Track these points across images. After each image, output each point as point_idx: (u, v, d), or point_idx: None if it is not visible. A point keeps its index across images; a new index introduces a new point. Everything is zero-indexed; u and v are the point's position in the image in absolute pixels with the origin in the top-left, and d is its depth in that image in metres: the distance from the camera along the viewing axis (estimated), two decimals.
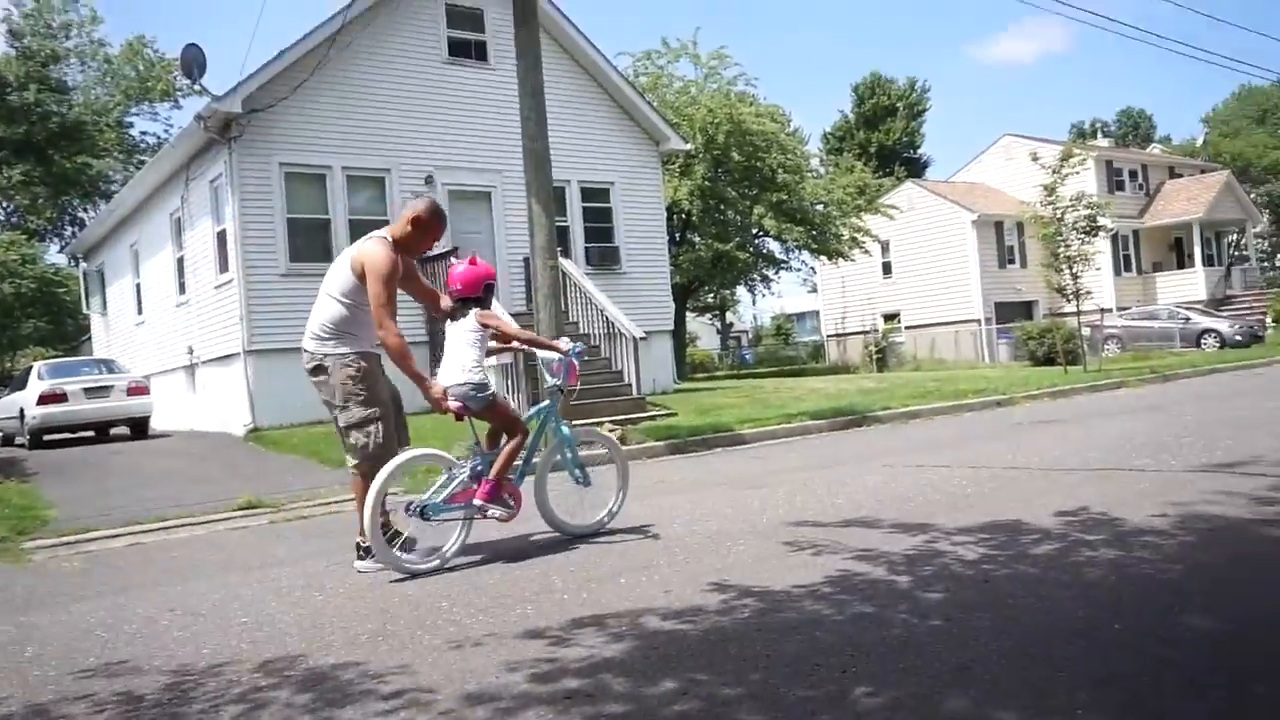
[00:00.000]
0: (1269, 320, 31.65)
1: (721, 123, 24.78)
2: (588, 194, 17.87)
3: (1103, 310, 25.75)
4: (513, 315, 13.49)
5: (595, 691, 2.80)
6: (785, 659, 2.99)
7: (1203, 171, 40.91)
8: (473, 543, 5.19)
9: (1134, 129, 74.25)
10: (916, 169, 51.91)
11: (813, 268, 36.81)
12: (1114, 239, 32.87)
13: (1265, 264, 42.34)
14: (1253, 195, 40.77)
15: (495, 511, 5.09)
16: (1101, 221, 18.80)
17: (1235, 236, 40.99)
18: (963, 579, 3.80)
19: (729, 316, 51.00)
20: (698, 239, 28.91)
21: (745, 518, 5.63)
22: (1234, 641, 2.87)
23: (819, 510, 5.67)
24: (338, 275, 5.10)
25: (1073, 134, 67.73)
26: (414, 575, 4.68)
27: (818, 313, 41.62)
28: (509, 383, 12.76)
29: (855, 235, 28.73)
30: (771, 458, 8.91)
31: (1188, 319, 28.81)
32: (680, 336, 26.47)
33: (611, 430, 10.26)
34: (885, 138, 52.96)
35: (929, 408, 12.35)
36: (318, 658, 3.39)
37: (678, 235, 28.89)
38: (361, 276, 4.97)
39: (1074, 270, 18.40)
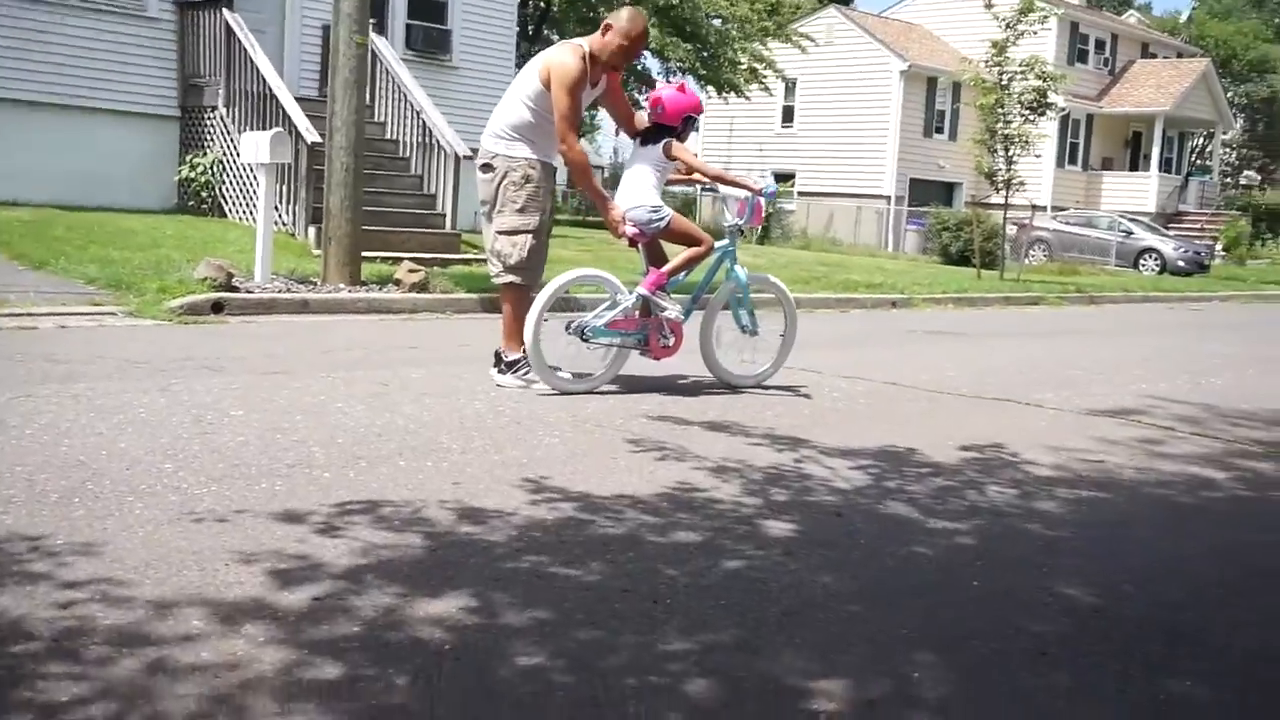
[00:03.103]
0: (1219, 247, 33.93)
1: None
2: None
3: (1035, 208, 26.99)
4: (298, 100, 13.03)
5: (343, 604, 2.88)
6: (588, 582, 3.15)
7: (1179, 55, 42.82)
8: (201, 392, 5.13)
9: None
10: None
11: None
12: (1063, 122, 34.25)
13: (1227, 180, 45.09)
14: (1230, 95, 43.06)
15: (669, 309, 6.13)
16: (1053, 98, 19.52)
17: (1201, 141, 43.40)
18: (819, 510, 4.06)
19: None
20: (556, 37, 28.30)
21: (568, 401, 5.77)
22: (1096, 614, 3.20)
23: (658, 404, 5.86)
24: (526, 80, 6.02)
25: None
26: (564, 393, 5.90)
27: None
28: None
29: (755, 66, 28.81)
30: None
31: (1129, 233, 30.59)
32: None
33: (412, 272, 10.19)
34: None
35: (810, 297, 12.79)
36: None
37: (530, 29, 28.23)
38: (547, 84, 5.88)
39: (1010, 154, 19.13)
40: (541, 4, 27.16)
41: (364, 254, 10.48)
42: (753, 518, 3.89)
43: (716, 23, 27.53)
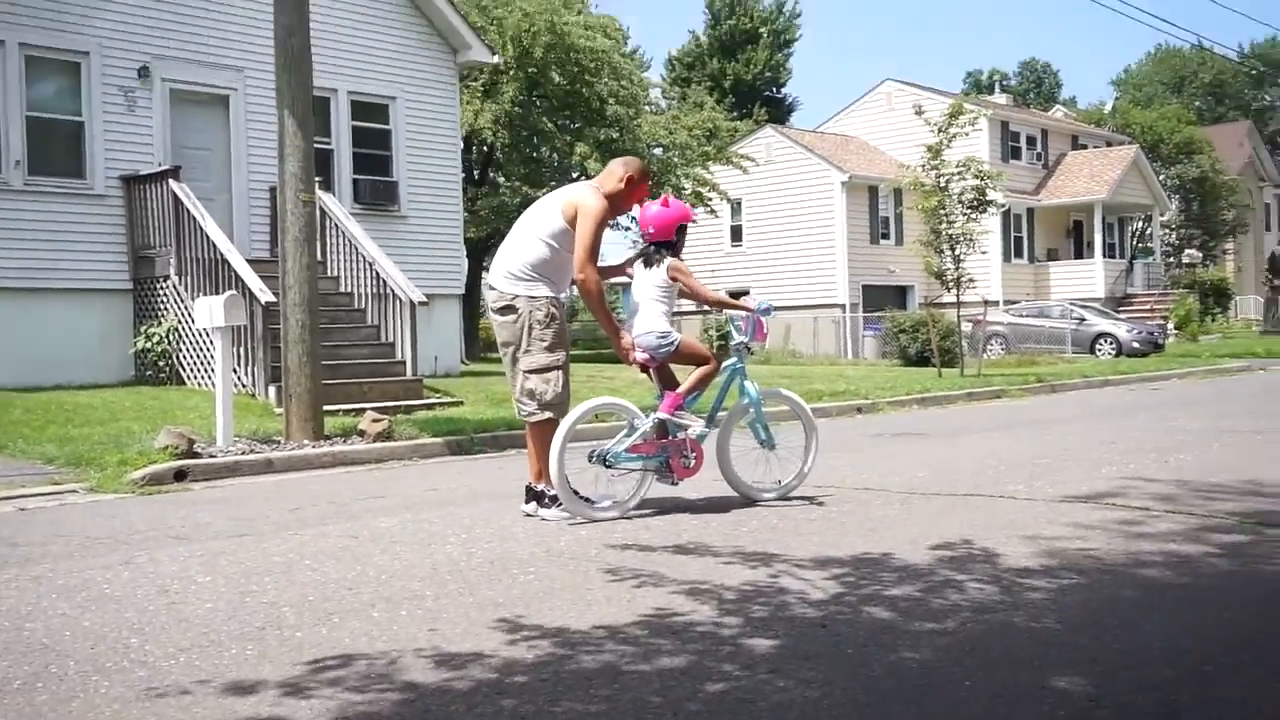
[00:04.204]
0: (1170, 326, 34.45)
1: (540, 32, 24.73)
2: (360, 110, 17.54)
3: (987, 303, 27.42)
4: (250, 263, 13.12)
5: None
6: (573, 718, 3.07)
7: (1109, 144, 44.03)
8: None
9: (1037, 85, 79.19)
10: (780, 113, 53.55)
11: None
12: (1005, 217, 34.96)
13: (1170, 259, 46.04)
14: (1161, 177, 44.23)
15: (691, 426, 6.37)
16: (992, 195, 19.98)
17: (1140, 224, 44.39)
18: (801, 623, 4.00)
19: None
20: (502, 180, 28.82)
21: (540, 538, 5.71)
22: (1092, 704, 3.14)
23: (635, 533, 5.81)
24: (546, 218, 6.32)
25: (968, 85, 71.54)
26: (593, 521, 6.06)
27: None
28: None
29: (700, 190, 29.34)
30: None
31: (1083, 319, 31.05)
32: (474, 304, 26.35)
33: (375, 421, 10.15)
34: (744, 70, 54.37)
35: (774, 410, 12.78)
36: None
37: (476, 173, 28.72)
38: (572, 222, 6.20)
39: (956, 253, 19.47)
40: (485, 148, 27.66)
41: (326, 407, 10.44)
42: (735, 637, 3.83)
43: (658, 152, 28.09)
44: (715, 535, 5.71)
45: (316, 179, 10.64)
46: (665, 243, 6.49)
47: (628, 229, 29.06)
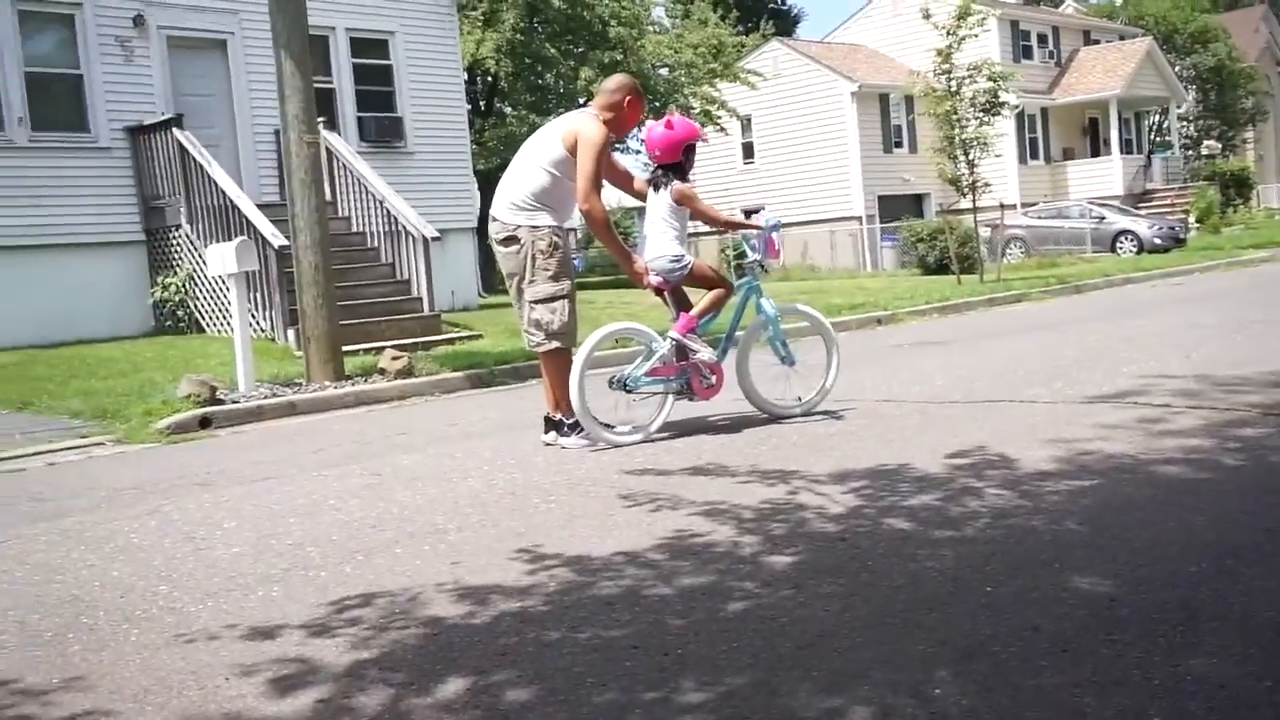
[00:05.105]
0: (1191, 220, 34.06)
1: None
2: (360, 47, 17.36)
3: (1005, 207, 27.11)
4: (260, 207, 13.08)
5: (347, 704, 2.82)
6: (596, 644, 3.09)
7: (1121, 38, 43.23)
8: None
9: None
10: (786, 26, 52.71)
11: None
12: (1019, 119, 34.47)
13: (1189, 152, 45.35)
14: (1177, 69, 43.45)
15: (700, 352, 6.36)
16: (1005, 97, 19.67)
17: (1157, 118, 43.71)
18: (820, 538, 4.01)
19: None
20: (509, 109, 28.58)
21: (560, 467, 5.73)
22: (1113, 603, 3.14)
23: (655, 456, 5.82)
24: (547, 147, 6.31)
25: None
26: (616, 446, 6.07)
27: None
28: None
29: (709, 108, 29.03)
30: None
31: (1102, 218, 30.70)
32: (488, 237, 26.25)
33: (395, 359, 10.17)
34: None
35: (792, 326, 12.74)
36: None
37: (483, 104, 28.48)
38: (572, 150, 6.17)
39: (971, 158, 19.23)
40: (489, 78, 27.39)
41: (346, 348, 10.47)
42: (755, 555, 3.84)
43: (664, 72, 27.76)
44: (733, 455, 5.71)
45: (320, 119, 10.56)
46: (674, 164, 6.45)
47: (638, 152, 28.80)
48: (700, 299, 6.54)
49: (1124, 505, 4.19)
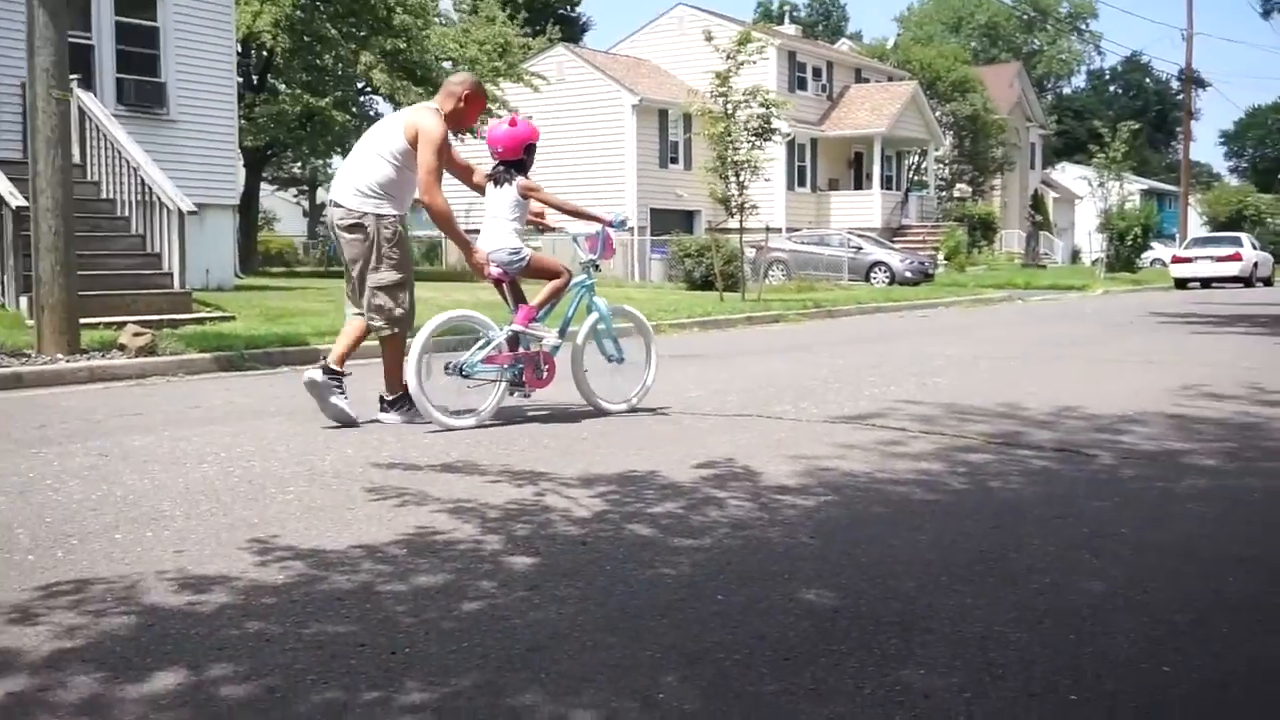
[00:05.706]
0: (940, 257, 36.05)
1: None
2: (125, 4, 16.46)
3: (770, 230, 27.99)
4: (0, 163, 12.21)
5: (43, 697, 2.64)
6: (322, 639, 2.99)
7: (890, 79, 45.40)
8: None
9: (825, 18, 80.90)
10: (573, 32, 53.04)
11: None
12: (790, 146, 35.70)
13: (943, 193, 48.02)
14: (937, 114, 45.92)
15: (545, 338, 6.60)
16: (777, 124, 20.32)
17: (916, 158, 46.09)
18: (563, 540, 4.01)
19: (320, 194, 49.43)
20: (283, 87, 27.70)
21: (304, 456, 5.54)
22: (835, 614, 3.26)
23: (403, 451, 5.71)
24: (389, 137, 6.46)
25: (758, 14, 72.37)
26: (450, 430, 6.16)
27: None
28: None
29: (490, 107, 28.79)
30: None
31: (860, 248, 32.10)
32: (250, 216, 25.32)
33: (137, 335, 9.65)
34: None
35: (618, 326, 12.78)
36: None
37: (255, 79, 27.49)
38: (413, 142, 6.35)
39: (741, 179, 19.77)
40: (265, 53, 26.43)
41: (86, 320, 9.88)
42: (495, 555, 3.80)
43: (447, 65, 27.42)
44: (484, 454, 5.66)
45: (74, 76, 9.95)
46: (515, 161, 6.67)
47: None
48: (538, 291, 6.73)
49: (855, 521, 4.36)
